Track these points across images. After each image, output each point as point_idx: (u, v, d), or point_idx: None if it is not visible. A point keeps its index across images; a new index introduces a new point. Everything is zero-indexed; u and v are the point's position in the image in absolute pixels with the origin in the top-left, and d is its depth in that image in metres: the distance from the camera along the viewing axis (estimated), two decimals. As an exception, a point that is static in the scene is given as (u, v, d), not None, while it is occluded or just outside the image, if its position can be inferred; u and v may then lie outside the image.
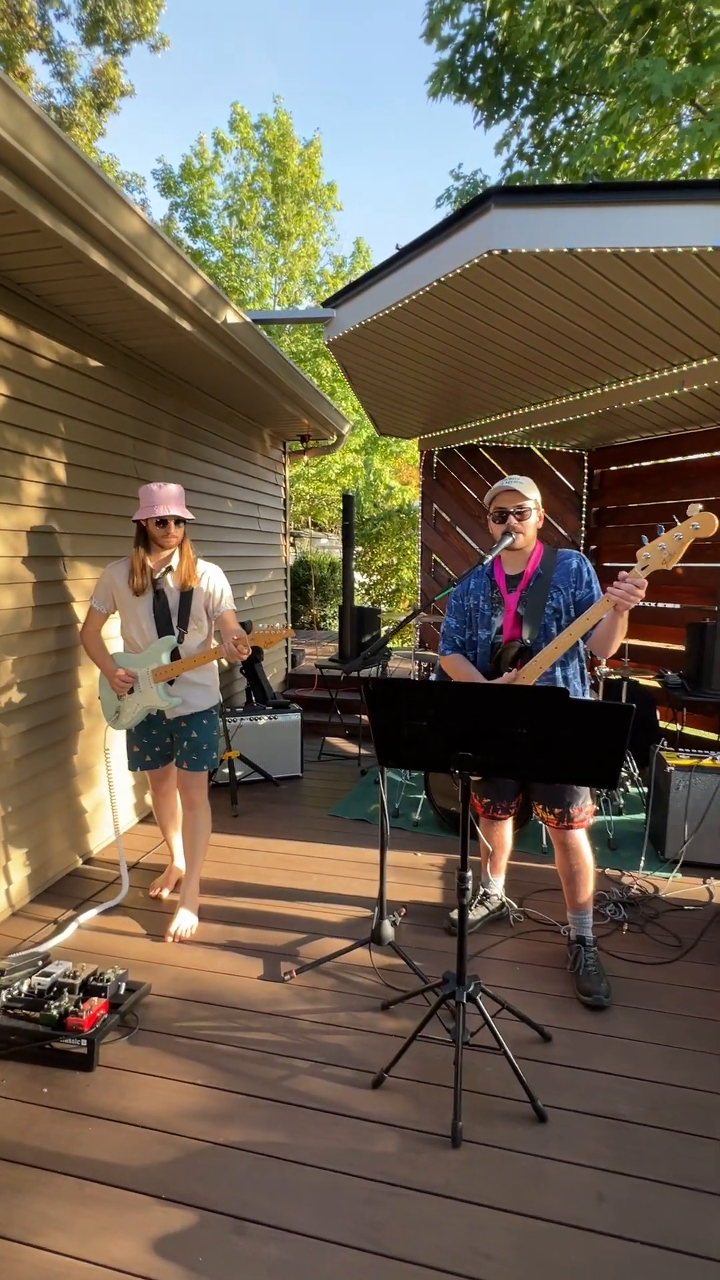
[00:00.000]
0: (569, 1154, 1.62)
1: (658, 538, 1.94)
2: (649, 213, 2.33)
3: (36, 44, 12.77)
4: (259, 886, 2.93)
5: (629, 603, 1.93)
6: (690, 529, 1.89)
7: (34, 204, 1.99)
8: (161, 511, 2.38)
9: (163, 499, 2.40)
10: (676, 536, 1.91)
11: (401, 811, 3.77)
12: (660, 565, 1.94)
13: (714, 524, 1.88)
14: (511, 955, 2.44)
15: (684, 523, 1.90)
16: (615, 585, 1.94)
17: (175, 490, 2.45)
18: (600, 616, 2.01)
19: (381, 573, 10.79)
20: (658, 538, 1.94)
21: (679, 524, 1.91)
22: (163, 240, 2.50)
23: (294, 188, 13.16)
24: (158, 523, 2.42)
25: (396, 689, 1.59)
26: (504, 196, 2.41)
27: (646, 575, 1.94)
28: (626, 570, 1.97)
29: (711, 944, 2.51)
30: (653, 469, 4.88)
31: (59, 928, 2.55)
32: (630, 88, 4.02)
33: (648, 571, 1.94)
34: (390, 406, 4.68)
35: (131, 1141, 1.65)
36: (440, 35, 5.41)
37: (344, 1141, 1.65)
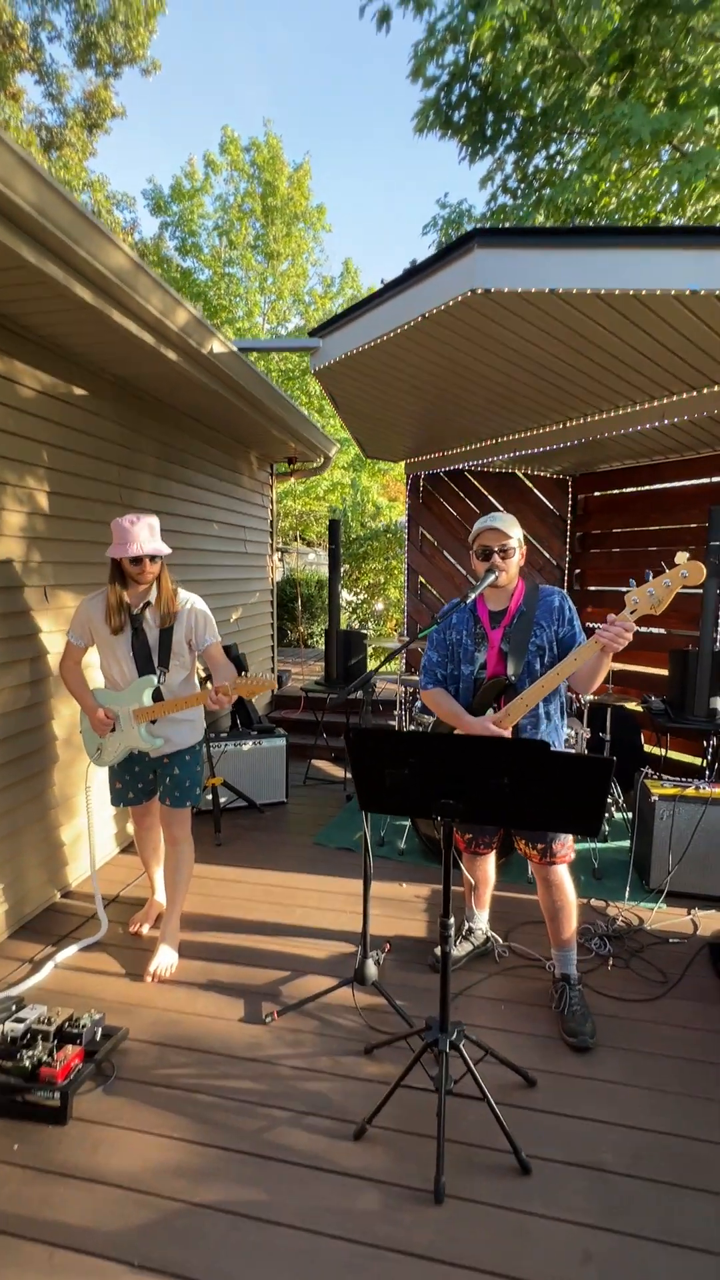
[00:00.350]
0: (553, 1209, 1.60)
1: (647, 583, 1.96)
2: (629, 256, 2.38)
3: (29, 65, 12.90)
4: (242, 920, 2.88)
5: (617, 645, 1.95)
6: (679, 577, 1.92)
7: (18, 242, 1.99)
8: (134, 550, 2.29)
9: (135, 536, 2.30)
10: (665, 584, 1.94)
11: (387, 839, 3.75)
12: (648, 610, 1.96)
13: (702, 573, 1.92)
14: (496, 993, 2.41)
15: (673, 570, 1.93)
16: (604, 628, 1.96)
17: (147, 524, 2.35)
18: (588, 658, 2.03)
19: (369, 591, 10.81)
20: (647, 583, 1.96)
21: (668, 571, 1.94)
22: (148, 275, 2.51)
23: (283, 209, 13.32)
24: (132, 561, 2.34)
25: (378, 739, 1.58)
26: (487, 237, 2.45)
27: (635, 620, 1.96)
28: (611, 592, 2.00)
29: (696, 979, 2.50)
30: (636, 495, 4.95)
31: (35, 967, 2.49)
32: (610, 130, 4.15)
33: (636, 616, 1.96)
34: (377, 432, 4.72)
35: (105, 1203, 1.60)
36: (426, 75, 5.56)
37: (324, 1199, 1.62)
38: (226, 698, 2.28)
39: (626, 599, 1.98)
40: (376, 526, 11.14)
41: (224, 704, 2.30)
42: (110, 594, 2.39)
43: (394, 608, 10.41)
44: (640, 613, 1.96)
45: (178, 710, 2.42)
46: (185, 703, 2.40)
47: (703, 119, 4.36)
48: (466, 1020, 2.21)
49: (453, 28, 5.27)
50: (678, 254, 2.35)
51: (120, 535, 2.32)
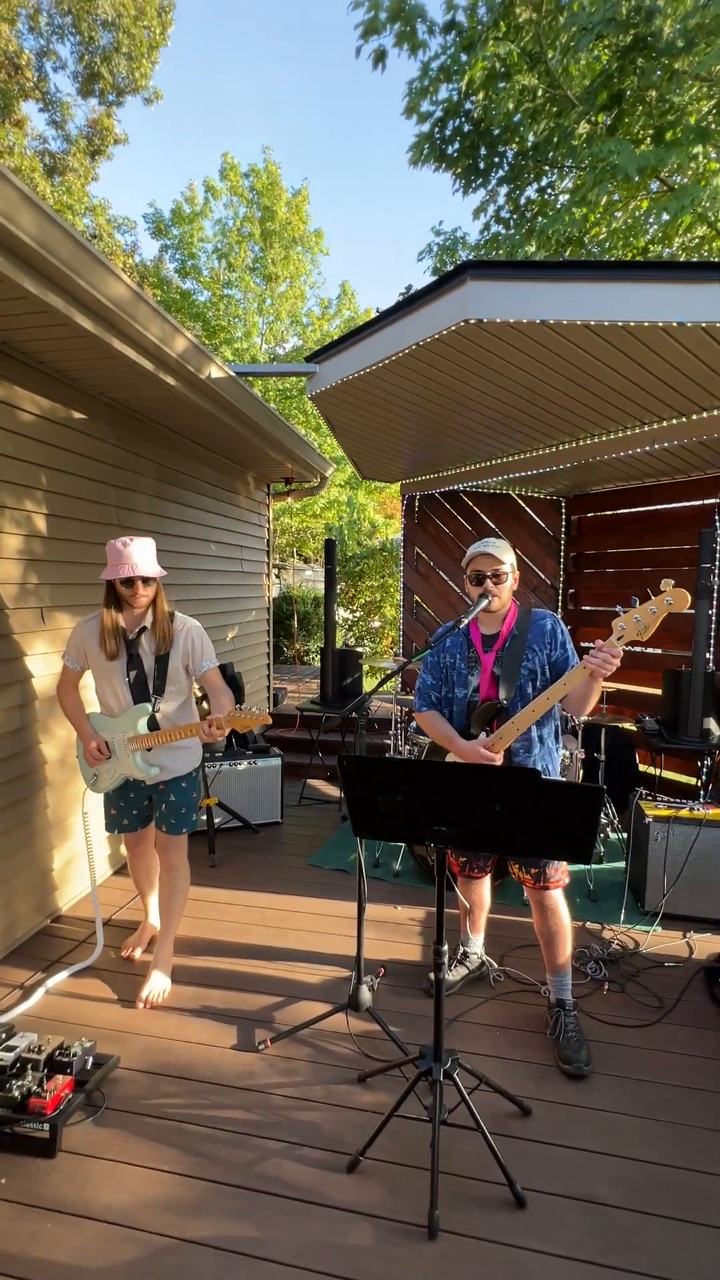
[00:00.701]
0: (549, 1244, 1.58)
1: (634, 609, 1.99)
2: (617, 289, 2.45)
3: (33, 94, 13.20)
4: (236, 945, 2.86)
5: (605, 671, 1.98)
6: (664, 604, 1.95)
7: (21, 274, 2.03)
8: (126, 572, 2.26)
9: (127, 558, 2.27)
10: (651, 610, 1.96)
11: (382, 861, 3.73)
12: (635, 636, 1.99)
13: (686, 599, 1.95)
14: (491, 1019, 2.39)
15: (659, 597, 1.96)
16: (592, 654, 1.98)
17: (141, 546, 2.32)
18: (577, 682, 2.05)
19: (365, 609, 10.85)
20: (634, 609, 1.99)
21: (654, 598, 1.97)
22: (148, 304, 2.56)
23: (282, 233, 13.58)
24: (124, 583, 2.30)
25: (371, 766, 1.59)
26: (479, 270, 2.52)
27: (623, 645, 1.98)
28: (604, 612, 2.02)
29: (691, 1004, 2.49)
30: (628, 517, 5.01)
31: (25, 993, 2.46)
32: (598, 166, 4.28)
33: (623, 642, 1.99)
34: (372, 454, 4.78)
35: (93, 1239, 1.57)
36: (419, 111, 5.73)
37: (317, 1234, 1.59)
38: (220, 731, 2.24)
39: (614, 625, 2.01)
40: (373, 545, 11.20)
41: (217, 737, 2.26)
42: (105, 618, 2.35)
43: (390, 626, 10.44)
44: (627, 639, 1.99)
45: (172, 741, 2.39)
46: (180, 733, 2.37)
47: (688, 155, 4.50)
48: (461, 1047, 2.19)
49: (446, 67, 5.46)
50: (664, 287, 2.42)
51: (114, 557, 2.30)
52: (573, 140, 5.10)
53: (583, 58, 4.89)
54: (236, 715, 2.25)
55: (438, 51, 5.63)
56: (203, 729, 2.27)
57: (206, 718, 2.29)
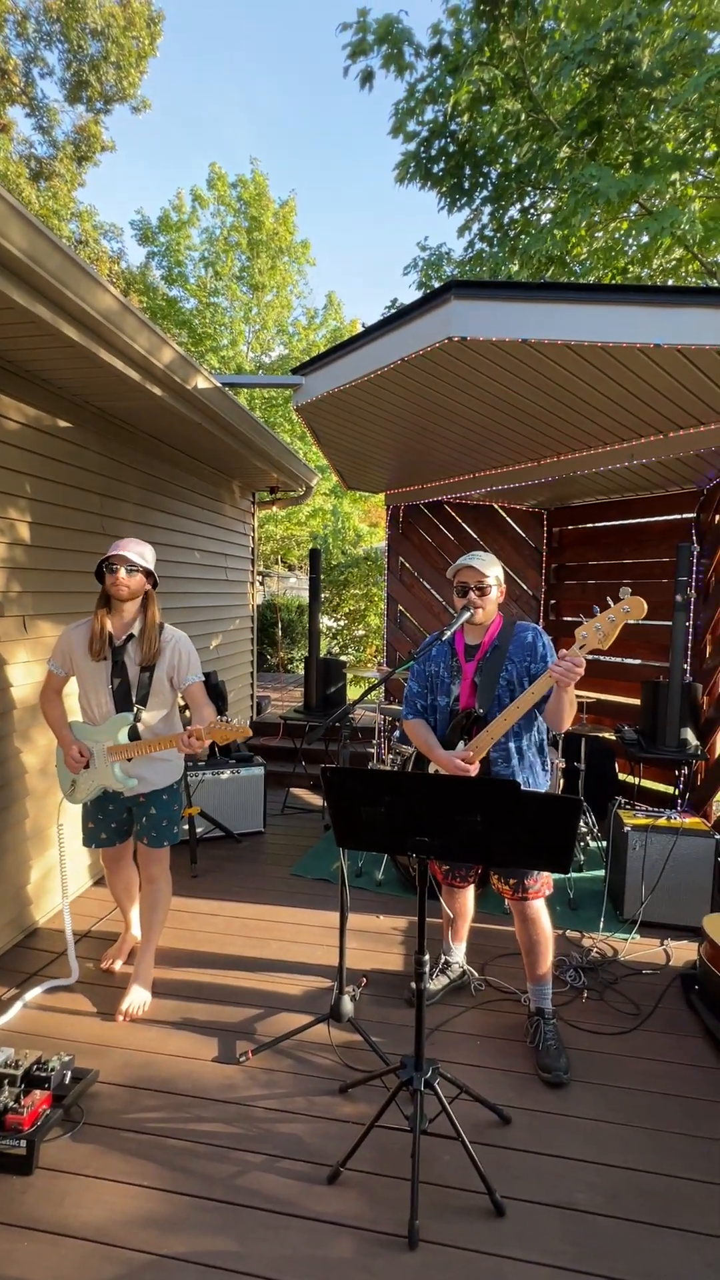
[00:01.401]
0: (528, 1252, 1.59)
1: (594, 618, 2.03)
2: (597, 311, 2.52)
3: (20, 99, 13.18)
4: (217, 955, 2.85)
5: (569, 680, 2.01)
6: (621, 611, 2.00)
7: (9, 285, 2.04)
8: (111, 551, 2.28)
9: (120, 545, 2.31)
10: (610, 618, 2.01)
11: (364, 870, 3.74)
12: (597, 645, 2.03)
13: (643, 608, 2.00)
14: (472, 1028, 2.41)
15: (616, 605, 2.01)
16: (556, 664, 2.02)
17: (136, 543, 2.35)
18: (544, 690, 2.09)
19: (349, 618, 10.87)
20: (594, 618, 2.03)
21: (612, 607, 2.02)
22: (135, 315, 2.58)
23: (269, 243, 13.66)
24: (108, 569, 2.29)
25: (354, 778, 1.61)
26: (463, 289, 2.58)
27: (585, 654, 2.02)
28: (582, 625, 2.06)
29: (668, 1011, 2.53)
30: (608, 529, 5.11)
31: (2, 1007, 2.43)
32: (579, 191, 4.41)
33: (585, 650, 2.03)
34: (357, 465, 4.82)
35: (70, 1257, 1.55)
36: (406, 131, 5.85)
37: (297, 1247, 1.59)
38: (200, 742, 2.22)
39: (576, 634, 2.05)
40: (357, 554, 11.26)
41: (197, 748, 2.23)
42: (95, 619, 2.34)
43: (374, 635, 10.47)
44: (589, 647, 2.03)
45: (152, 751, 2.35)
46: (159, 744, 2.33)
47: (665, 181, 4.65)
48: (442, 1056, 2.21)
49: (431, 89, 5.59)
50: (643, 310, 2.49)
51: (110, 547, 2.33)
52: (555, 163, 5.25)
53: (564, 84, 5.04)
54: (217, 727, 2.21)
55: (424, 74, 5.77)
56: (181, 740, 2.23)
57: (187, 728, 2.26)
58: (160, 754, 2.43)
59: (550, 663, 2.26)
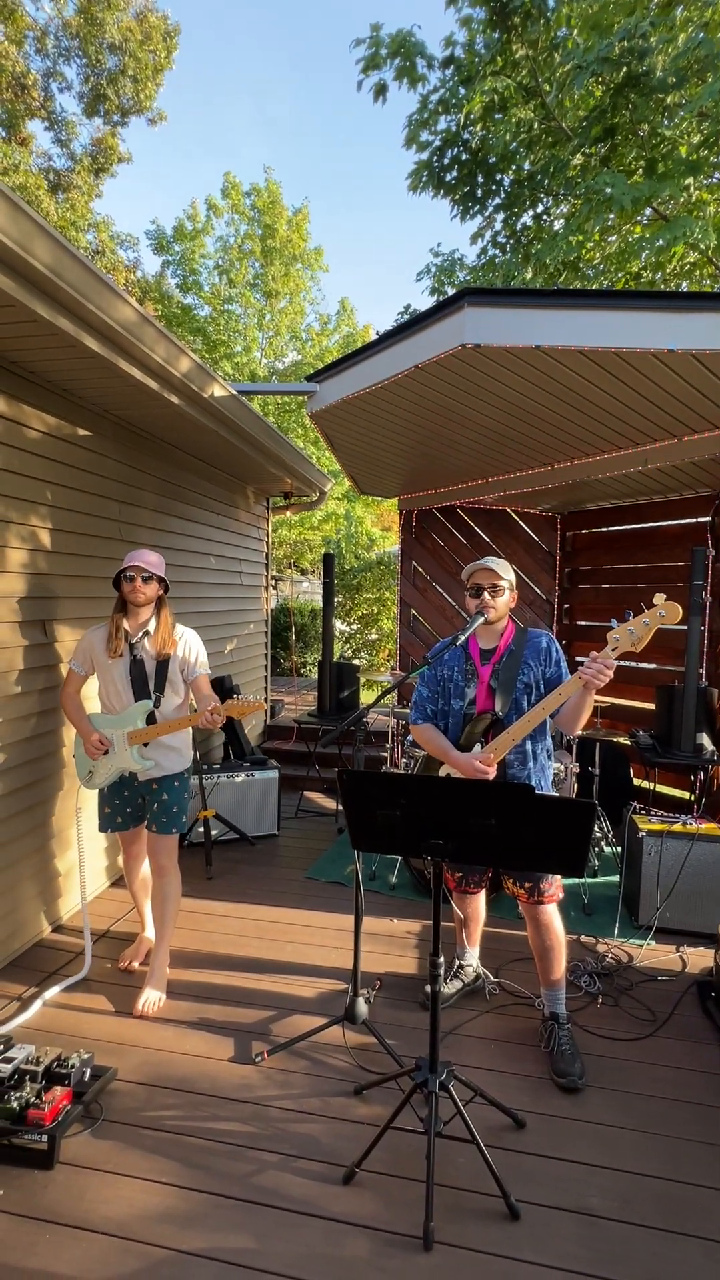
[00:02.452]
0: (542, 1255, 1.59)
1: (627, 622, 2.05)
2: (610, 317, 2.53)
3: (39, 113, 13.43)
4: (232, 957, 2.87)
5: (598, 682, 2.03)
6: (657, 616, 2.01)
7: (34, 299, 2.10)
8: (127, 562, 2.48)
9: (135, 556, 2.50)
10: (644, 623, 2.02)
11: (378, 874, 3.75)
12: (629, 648, 2.05)
13: (679, 613, 2.01)
14: (486, 1032, 2.41)
15: (651, 610, 2.02)
16: (586, 665, 2.04)
17: (153, 554, 2.56)
18: (571, 693, 2.10)
19: (362, 622, 10.90)
20: (627, 622, 2.05)
21: (647, 611, 2.03)
22: (154, 326, 2.63)
23: (282, 251, 13.80)
24: (125, 578, 2.49)
25: (370, 781, 1.63)
26: (477, 297, 2.60)
27: (616, 656, 2.04)
28: (599, 627, 2.08)
29: (684, 1018, 2.52)
30: (622, 534, 5.09)
31: (23, 1005, 2.47)
32: (593, 198, 4.42)
33: (617, 653, 2.04)
34: (370, 471, 4.86)
35: (91, 1251, 1.58)
36: (419, 141, 5.91)
37: (313, 1246, 1.61)
38: (220, 717, 2.42)
39: (609, 637, 2.07)
40: (370, 558, 11.29)
41: (216, 722, 2.43)
42: (112, 621, 2.55)
43: (387, 639, 10.49)
44: (621, 650, 2.05)
45: (172, 731, 2.53)
46: (178, 724, 2.52)
47: (679, 187, 4.64)
48: (456, 1060, 2.21)
49: (444, 100, 5.64)
50: (656, 316, 2.50)
51: (126, 557, 2.52)
52: (568, 171, 5.26)
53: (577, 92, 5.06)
54: (233, 702, 2.46)
55: (437, 85, 5.82)
56: (204, 716, 2.42)
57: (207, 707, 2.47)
58: (171, 742, 2.61)
59: (563, 668, 2.27)
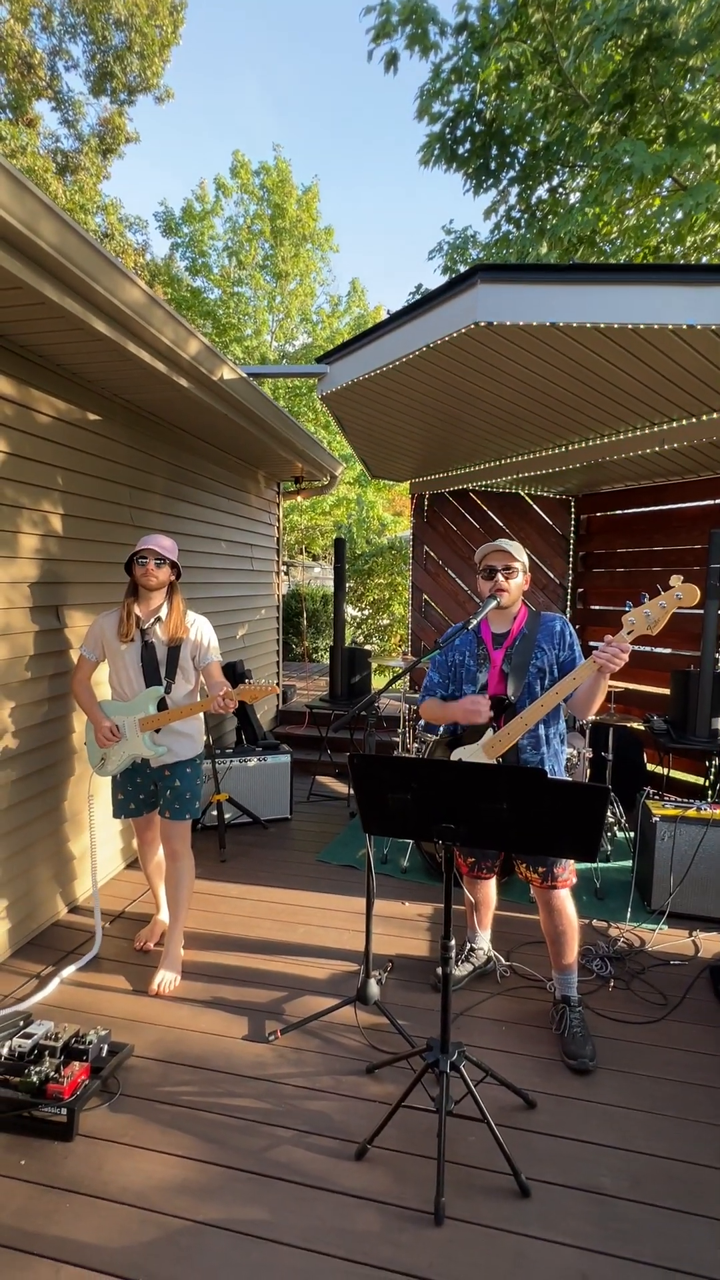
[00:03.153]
0: (552, 1232, 1.61)
1: (643, 604, 2.01)
2: (627, 292, 2.46)
3: (45, 93, 13.28)
4: (245, 938, 2.91)
5: (613, 666, 2.00)
6: (674, 599, 1.97)
7: (41, 281, 2.08)
8: (140, 545, 2.48)
9: (148, 540, 2.50)
10: (661, 605, 1.99)
11: (390, 858, 3.77)
12: (645, 631, 2.01)
13: (696, 595, 1.97)
14: (497, 1014, 2.43)
15: (668, 592, 1.98)
16: (601, 649, 2.01)
17: (165, 538, 2.55)
18: (586, 677, 2.08)
19: (373, 607, 10.88)
20: (643, 604, 2.01)
21: (664, 593, 1.99)
22: (162, 307, 2.60)
23: (292, 231, 13.59)
24: (138, 562, 2.48)
25: (381, 765, 1.63)
26: (489, 273, 2.54)
27: (632, 640, 2.01)
28: (613, 611, 2.05)
29: (696, 1001, 2.51)
30: (638, 516, 5.01)
31: (41, 983, 2.52)
32: (611, 167, 4.27)
33: (633, 636, 2.01)
34: (382, 454, 4.81)
35: (110, 1219, 1.62)
36: (431, 113, 5.75)
37: (325, 1219, 1.64)
38: (232, 702, 2.42)
39: (624, 620, 2.03)
40: (381, 543, 11.23)
41: (229, 707, 2.43)
42: (124, 606, 2.54)
43: (398, 624, 10.46)
44: (637, 633, 2.01)
45: (183, 717, 2.53)
46: (190, 710, 2.52)
47: (701, 154, 4.49)
48: (467, 1041, 2.23)
49: (457, 69, 5.47)
50: (673, 290, 2.43)
51: (139, 541, 2.52)
52: (585, 140, 5.10)
53: (596, 57, 4.89)
54: (246, 686, 2.46)
55: (449, 53, 5.65)
56: (217, 701, 2.42)
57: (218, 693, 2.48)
58: (183, 729, 2.61)
59: (577, 652, 2.25)
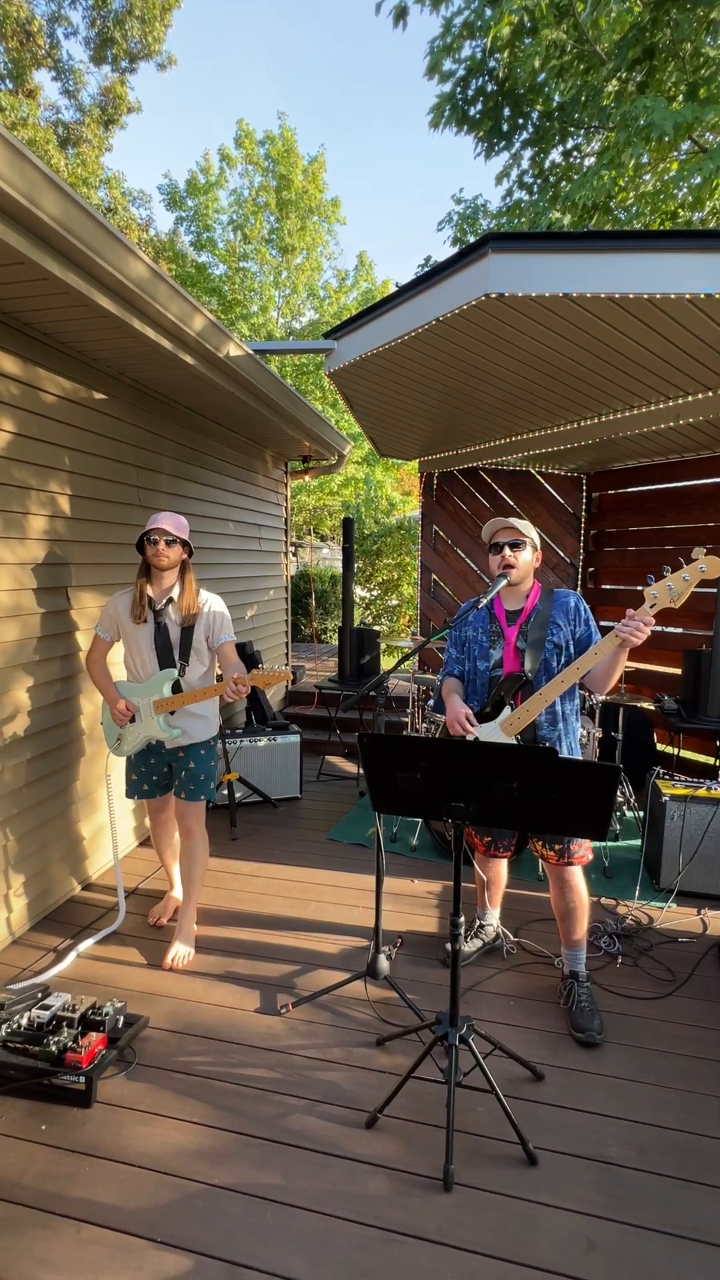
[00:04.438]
0: (559, 1199, 1.65)
1: (665, 578, 1.99)
2: (643, 260, 2.38)
3: (45, 62, 12.97)
4: (257, 915, 2.95)
5: (635, 640, 1.98)
6: (698, 571, 1.95)
7: (44, 255, 2.05)
8: (149, 525, 2.46)
9: (157, 520, 2.48)
10: (684, 578, 1.96)
11: (399, 836, 3.80)
12: (668, 604, 1.99)
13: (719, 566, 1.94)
14: (506, 989, 2.46)
15: (691, 565, 1.95)
16: (624, 623, 1.99)
17: (175, 516, 2.53)
18: (608, 652, 2.06)
19: (382, 587, 10.83)
20: (665, 578, 1.99)
21: (686, 566, 1.96)
22: (167, 283, 2.56)
23: (298, 203, 13.29)
24: (149, 541, 2.47)
25: (390, 744, 1.63)
26: (501, 242, 2.47)
27: (654, 614, 1.99)
28: (625, 591, 2.03)
29: (704, 978, 2.53)
30: (650, 494, 4.93)
31: (58, 956, 2.58)
32: (629, 126, 4.10)
33: (655, 610, 1.99)
34: (390, 432, 4.74)
35: (128, 1181, 1.68)
36: (441, 71, 5.53)
37: (337, 1183, 1.68)
38: (245, 688, 2.40)
39: (645, 594, 2.01)
40: (390, 523, 11.14)
41: (241, 694, 2.41)
42: (136, 586, 2.54)
43: (407, 604, 10.42)
44: (659, 607, 1.99)
45: (196, 701, 2.54)
46: (203, 694, 2.52)
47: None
48: (476, 1015, 2.26)
49: (469, 23, 5.24)
50: (692, 257, 2.35)
51: (149, 521, 2.50)
52: (601, 99, 4.90)
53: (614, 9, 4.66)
54: (258, 672, 2.43)
55: (461, 6, 5.41)
56: (229, 687, 2.41)
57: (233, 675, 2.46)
58: (198, 710, 2.61)
59: (593, 627, 2.23)
